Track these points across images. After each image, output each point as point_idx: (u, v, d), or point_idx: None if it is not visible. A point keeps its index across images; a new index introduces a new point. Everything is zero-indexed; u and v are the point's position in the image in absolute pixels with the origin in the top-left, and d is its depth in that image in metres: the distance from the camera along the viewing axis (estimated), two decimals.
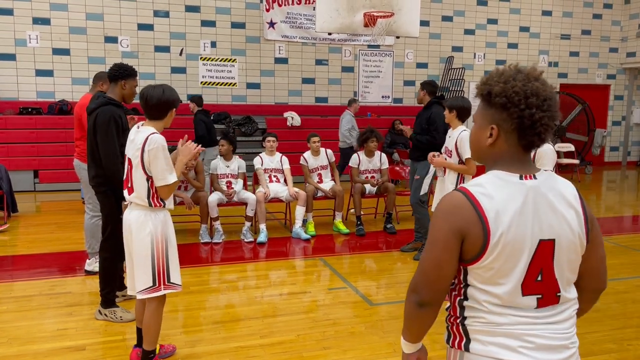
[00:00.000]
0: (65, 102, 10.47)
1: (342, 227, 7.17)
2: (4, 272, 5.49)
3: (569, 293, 1.60)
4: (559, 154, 11.95)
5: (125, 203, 3.34)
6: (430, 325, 1.65)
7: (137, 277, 3.21)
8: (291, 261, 6.17)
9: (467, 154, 4.70)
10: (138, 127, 3.26)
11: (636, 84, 15.35)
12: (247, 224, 6.74)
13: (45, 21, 10.61)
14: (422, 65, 13.33)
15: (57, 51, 10.73)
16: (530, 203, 1.52)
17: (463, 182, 4.80)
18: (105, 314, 4.20)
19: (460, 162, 4.80)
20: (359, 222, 7.14)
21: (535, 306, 1.54)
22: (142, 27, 11.20)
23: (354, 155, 7.45)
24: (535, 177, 1.55)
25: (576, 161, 12.72)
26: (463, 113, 4.88)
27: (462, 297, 1.61)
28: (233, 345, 3.83)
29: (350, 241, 6.88)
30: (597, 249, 1.63)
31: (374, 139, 7.34)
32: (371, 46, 12.73)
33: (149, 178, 3.14)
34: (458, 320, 1.62)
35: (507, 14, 13.87)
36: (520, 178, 1.54)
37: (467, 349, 1.59)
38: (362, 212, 7.35)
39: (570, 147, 13.04)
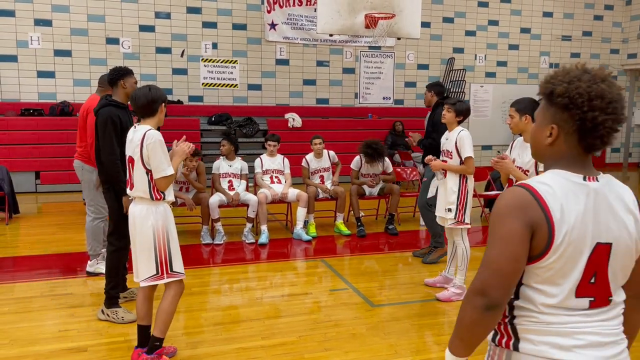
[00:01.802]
0: (66, 103, 10.48)
1: (344, 229, 7.17)
2: (5, 273, 5.49)
3: (619, 297, 1.59)
4: None
5: (131, 198, 3.50)
6: (490, 332, 1.59)
7: (141, 266, 3.39)
8: (292, 262, 6.17)
9: (467, 153, 4.69)
10: (135, 127, 3.44)
11: (637, 86, 15.33)
12: (249, 225, 6.74)
13: (47, 22, 10.62)
14: (423, 67, 13.33)
15: (58, 52, 10.74)
16: (591, 205, 1.50)
17: (466, 183, 4.78)
18: (108, 315, 4.21)
19: (461, 162, 4.77)
20: (359, 223, 7.13)
21: (587, 307, 1.53)
22: (143, 28, 11.21)
23: (357, 158, 7.45)
24: (597, 180, 1.54)
25: None
26: (467, 116, 4.88)
27: (513, 297, 1.58)
28: (234, 346, 3.83)
29: (352, 242, 6.87)
30: None
31: (372, 161, 7.32)
32: (372, 47, 12.73)
33: (148, 172, 3.32)
34: (507, 320, 1.59)
35: (508, 15, 13.87)
36: (584, 179, 1.53)
37: (516, 349, 1.57)
38: (362, 214, 7.36)
39: None
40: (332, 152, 7.45)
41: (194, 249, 6.34)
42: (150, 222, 3.32)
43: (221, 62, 11.81)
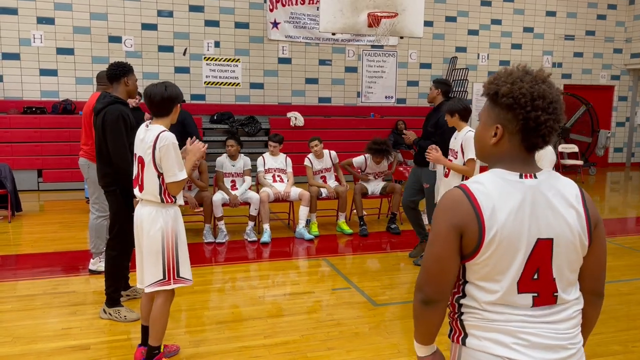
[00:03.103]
0: (69, 101, 10.48)
1: (346, 228, 7.16)
2: (8, 271, 5.50)
3: (568, 294, 1.59)
4: (562, 155, 11.90)
5: (136, 199, 3.39)
6: (439, 324, 1.65)
7: (147, 271, 3.28)
8: (294, 261, 6.17)
9: (469, 154, 4.68)
10: (147, 126, 3.30)
11: None
12: (251, 223, 6.74)
13: (50, 21, 10.62)
14: (425, 66, 13.31)
15: (61, 51, 10.74)
16: (528, 202, 1.53)
17: None
18: (110, 313, 4.20)
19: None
20: (361, 223, 7.13)
21: (531, 305, 1.55)
22: (146, 26, 11.21)
23: (361, 158, 7.44)
24: (535, 177, 1.57)
25: (580, 162, 12.68)
26: (465, 114, 4.86)
27: (460, 294, 1.63)
28: (237, 345, 3.84)
29: (354, 241, 6.87)
30: (598, 252, 1.63)
31: (381, 158, 7.32)
32: (375, 46, 12.72)
33: (160, 175, 3.21)
34: (456, 316, 1.65)
35: (511, 14, 13.84)
36: (520, 177, 1.56)
37: (464, 343, 1.62)
38: (365, 213, 7.35)
39: (574, 148, 13.01)
40: (333, 152, 7.42)
41: (196, 248, 6.34)
42: (159, 224, 3.21)
43: (223, 60, 11.80)
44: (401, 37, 9.84)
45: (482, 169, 6.10)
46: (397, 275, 5.55)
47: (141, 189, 3.29)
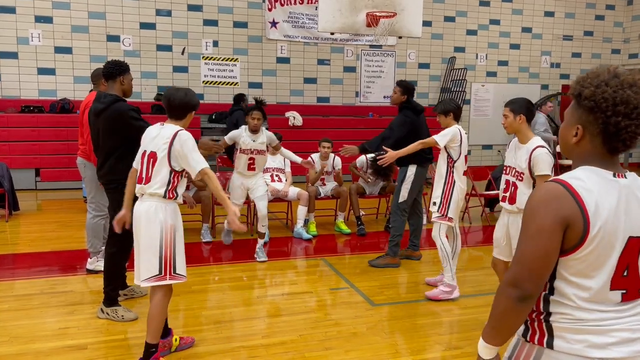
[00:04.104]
0: (67, 100, 10.46)
1: (344, 227, 7.16)
2: (5, 271, 5.48)
3: None
4: (560, 155, 11.90)
5: (138, 194, 3.42)
6: (521, 323, 1.64)
7: (144, 265, 3.30)
8: (293, 261, 6.16)
9: (437, 137, 4.65)
10: (162, 124, 3.39)
11: None
12: (260, 241, 6.13)
13: (48, 19, 10.60)
14: (424, 66, 13.32)
15: (59, 49, 10.71)
16: (623, 200, 1.57)
17: (452, 176, 4.70)
18: (107, 313, 4.20)
19: (448, 157, 4.72)
20: (359, 222, 7.12)
21: (619, 301, 1.58)
22: (144, 25, 11.19)
23: (363, 158, 7.42)
24: (626, 177, 1.61)
25: None
26: (459, 113, 4.85)
27: (547, 292, 1.62)
28: (235, 345, 3.83)
29: (352, 241, 6.87)
30: None
31: (377, 177, 7.30)
32: (373, 46, 12.72)
33: (172, 171, 3.28)
34: (541, 317, 1.63)
35: (510, 14, 13.85)
36: (614, 176, 1.59)
37: (549, 346, 1.60)
38: (363, 212, 7.35)
39: None
40: (338, 159, 7.31)
41: (194, 247, 6.33)
42: (159, 218, 3.26)
43: (222, 60, 11.79)
44: (400, 37, 9.84)
45: (479, 169, 6.04)
46: (394, 275, 5.55)
47: (147, 182, 3.32)
